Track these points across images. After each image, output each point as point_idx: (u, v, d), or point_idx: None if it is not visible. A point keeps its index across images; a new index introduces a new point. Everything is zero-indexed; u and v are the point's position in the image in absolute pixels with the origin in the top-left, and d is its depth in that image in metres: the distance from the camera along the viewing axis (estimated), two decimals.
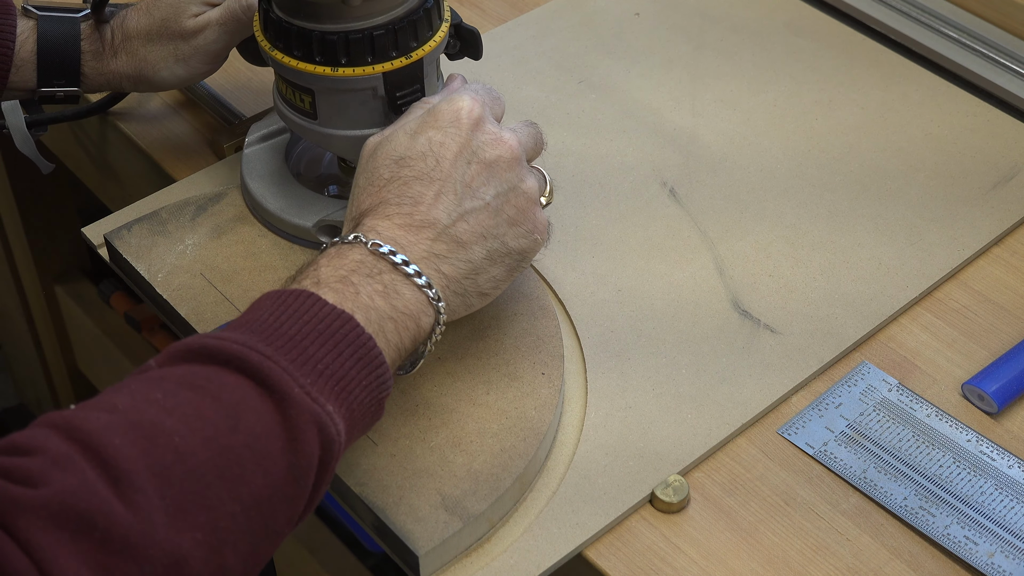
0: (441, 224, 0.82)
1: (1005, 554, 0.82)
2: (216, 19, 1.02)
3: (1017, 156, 1.09)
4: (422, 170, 0.83)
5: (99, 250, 1.02)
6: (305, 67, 0.90)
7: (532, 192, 0.85)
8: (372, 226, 0.81)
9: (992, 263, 1.01)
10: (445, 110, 0.85)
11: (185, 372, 0.71)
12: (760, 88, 1.15)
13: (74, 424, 0.66)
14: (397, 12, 0.89)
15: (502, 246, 0.84)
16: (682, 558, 0.83)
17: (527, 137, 0.88)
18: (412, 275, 0.79)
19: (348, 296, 0.77)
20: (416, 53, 0.90)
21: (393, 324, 0.78)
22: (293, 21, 0.89)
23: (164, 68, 1.02)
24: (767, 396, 0.91)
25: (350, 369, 0.74)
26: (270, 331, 0.73)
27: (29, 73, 1.02)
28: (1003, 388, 0.90)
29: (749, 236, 1.02)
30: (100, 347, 1.63)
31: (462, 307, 0.84)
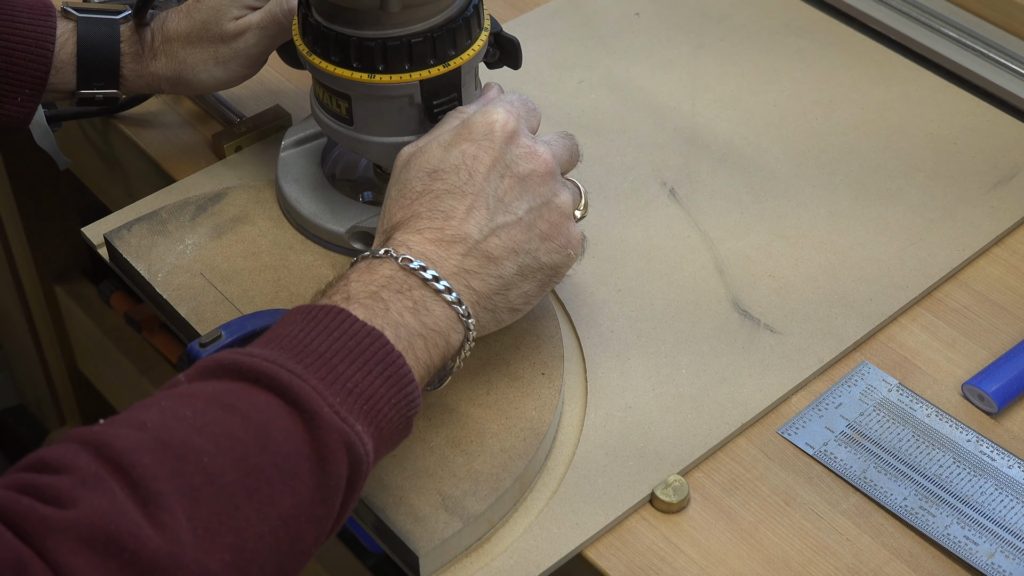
0: (472, 239, 0.81)
1: (1005, 554, 0.82)
2: (257, 23, 1.01)
3: (1017, 156, 1.09)
4: (455, 184, 0.82)
5: (99, 250, 1.02)
6: (342, 73, 0.89)
7: (566, 206, 0.84)
8: (403, 240, 0.81)
9: (992, 263, 1.01)
10: (479, 122, 0.84)
11: (215, 389, 0.70)
12: (760, 88, 1.15)
13: (104, 441, 0.65)
14: (436, 20, 0.89)
15: (534, 261, 0.83)
16: (682, 558, 0.83)
17: (562, 149, 0.87)
18: (442, 291, 0.79)
19: (378, 312, 0.76)
20: (454, 62, 0.90)
21: (423, 341, 0.77)
22: (331, 26, 0.89)
23: (203, 71, 1.02)
24: (767, 396, 0.91)
25: (379, 388, 0.73)
26: (300, 348, 0.73)
27: (69, 75, 1.01)
28: (1003, 388, 0.90)
29: (749, 236, 1.02)
30: (100, 347, 1.63)
31: (492, 323, 0.83)
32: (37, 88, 1.00)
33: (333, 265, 0.98)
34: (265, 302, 0.96)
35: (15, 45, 0.99)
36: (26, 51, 0.99)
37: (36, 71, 0.99)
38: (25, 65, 0.99)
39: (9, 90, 1.00)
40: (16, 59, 0.99)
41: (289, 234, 1.00)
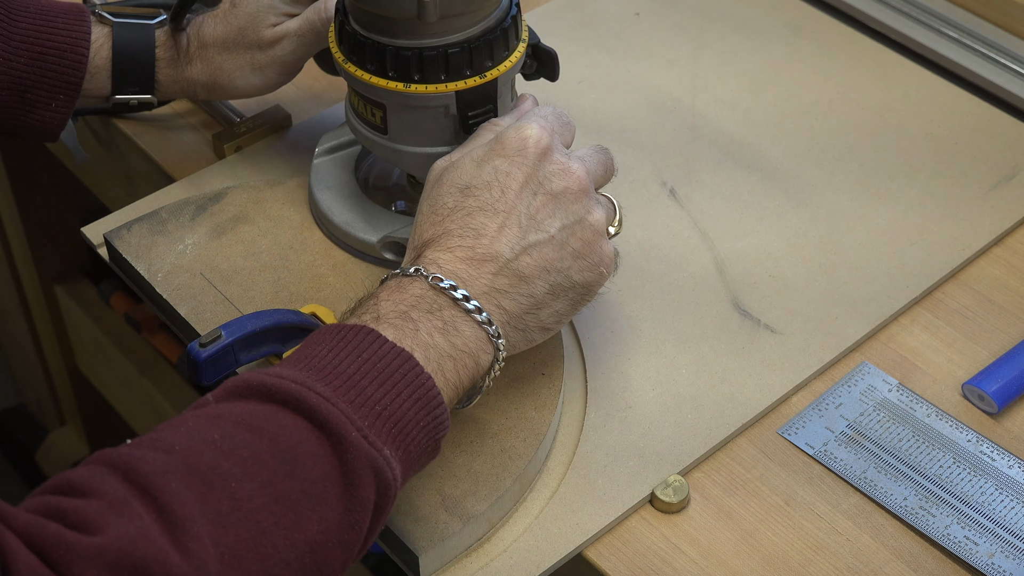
0: (504, 258, 0.80)
1: (1005, 554, 0.82)
2: (294, 30, 1.00)
3: (1017, 156, 1.09)
4: (487, 200, 0.81)
5: (99, 250, 1.02)
6: (378, 82, 0.88)
7: (599, 224, 0.83)
8: (434, 259, 0.80)
9: (992, 263, 1.01)
10: (512, 138, 0.83)
11: (243, 411, 0.70)
12: (760, 88, 1.15)
13: (131, 465, 0.65)
14: (474, 30, 0.88)
15: (566, 280, 0.82)
16: (682, 558, 0.83)
17: (596, 165, 0.86)
18: (472, 311, 0.78)
19: (408, 333, 0.76)
20: (491, 73, 0.89)
21: (452, 362, 0.77)
22: (368, 35, 0.88)
23: (239, 77, 1.02)
24: (767, 396, 0.91)
25: (408, 410, 0.73)
26: (329, 369, 0.72)
27: (103, 80, 1.01)
28: (1003, 388, 0.90)
29: (749, 236, 1.02)
30: (100, 347, 1.63)
31: (523, 342, 0.82)
32: (71, 94, 0.99)
33: (333, 265, 0.98)
34: (265, 302, 0.96)
35: (49, 51, 0.98)
36: (60, 57, 0.98)
37: (70, 77, 0.99)
38: (59, 71, 0.98)
39: (43, 96, 0.99)
40: (50, 65, 0.98)
41: (289, 234, 1.00)
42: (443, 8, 0.84)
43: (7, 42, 0.97)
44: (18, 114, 0.99)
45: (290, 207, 1.03)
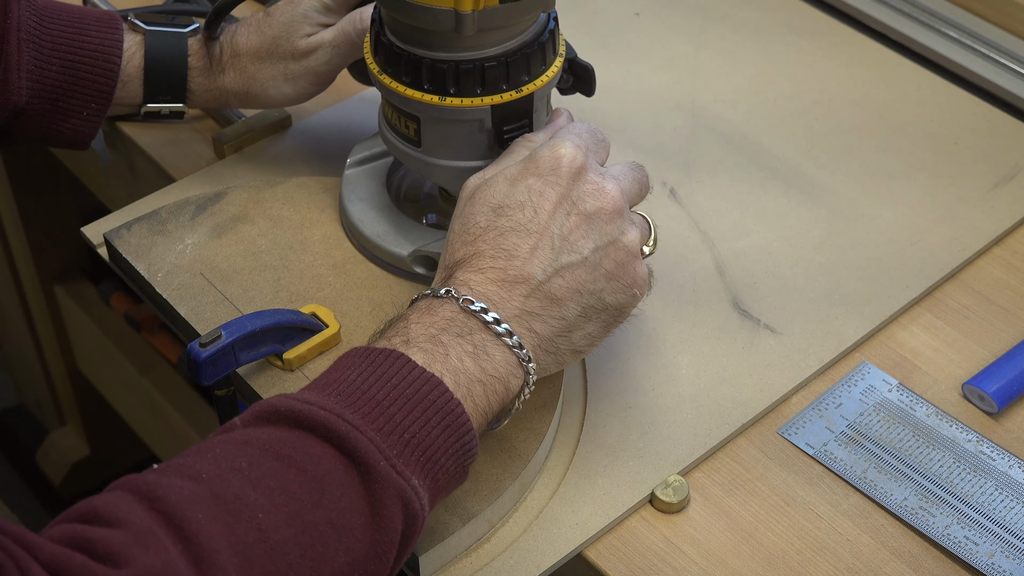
0: (536, 280, 0.79)
1: (1005, 554, 0.82)
2: (329, 40, 0.99)
3: (1017, 156, 1.09)
4: (519, 221, 0.80)
5: (99, 250, 1.02)
6: (412, 94, 0.87)
7: (633, 245, 0.82)
8: (465, 280, 0.79)
9: (992, 263, 1.01)
10: (546, 156, 0.81)
11: (271, 437, 0.69)
12: (760, 88, 1.15)
13: (157, 494, 0.64)
14: (511, 44, 0.86)
15: (598, 302, 0.81)
16: (682, 558, 0.83)
17: (631, 183, 0.85)
18: (503, 334, 0.77)
19: (437, 357, 0.75)
20: (527, 87, 0.88)
21: (482, 387, 0.76)
22: (404, 46, 0.87)
23: (272, 87, 1.01)
24: (767, 396, 0.91)
25: (437, 437, 0.72)
26: (358, 395, 0.72)
27: (135, 89, 1.00)
28: (1003, 388, 0.90)
29: (749, 236, 1.02)
30: (100, 347, 1.63)
31: (554, 364, 0.81)
32: (103, 102, 0.99)
33: (333, 265, 0.98)
34: (265, 302, 0.96)
35: (81, 59, 0.97)
36: (92, 65, 0.97)
37: (102, 85, 0.98)
38: (91, 79, 0.98)
39: (75, 104, 0.98)
40: (82, 73, 0.97)
41: (289, 234, 1.00)
42: (481, 22, 0.83)
43: (39, 50, 0.96)
44: (50, 122, 0.98)
45: (290, 207, 1.02)
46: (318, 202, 1.03)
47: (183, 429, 1.54)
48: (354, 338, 0.93)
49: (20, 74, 0.95)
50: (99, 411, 1.79)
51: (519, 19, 0.86)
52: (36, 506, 1.93)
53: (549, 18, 0.89)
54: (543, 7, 0.86)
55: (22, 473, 1.97)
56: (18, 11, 0.95)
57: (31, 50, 0.96)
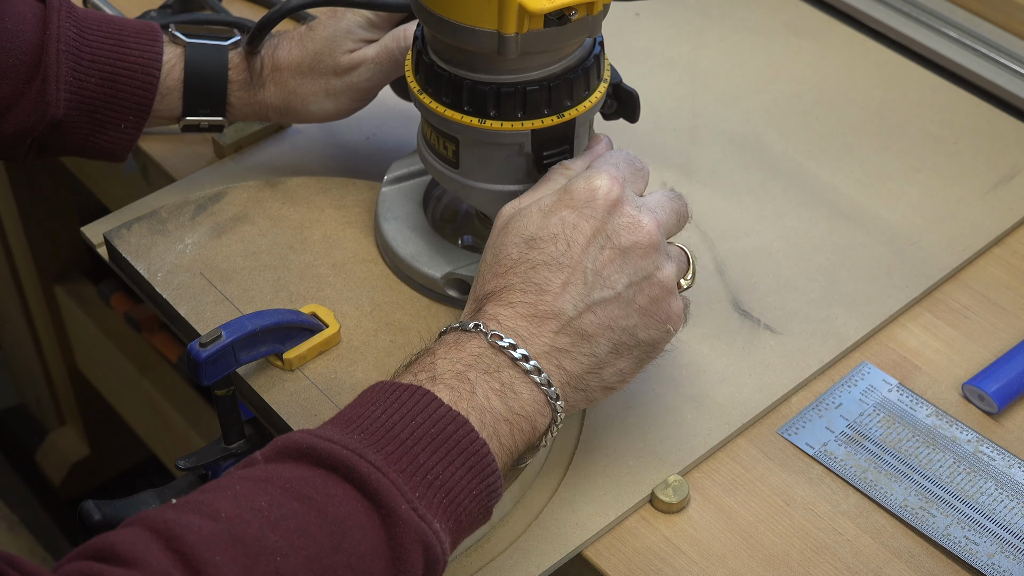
0: (566, 316, 0.77)
1: (1005, 554, 0.82)
2: (372, 57, 0.98)
3: (1017, 156, 1.09)
4: (551, 254, 0.78)
5: (99, 249, 1.02)
6: (452, 115, 0.86)
7: (668, 280, 0.80)
8: (494, 314, 0.77)
9: (992, 263, 1.01)
10: (581, 188, 0.79)
11: (292, 476, 0.68)
12: (760, 88, 1.15)
13: (175, 533, 0.63)
14: (554, 68, 0.85)
15: (630, 338, 0.79)
16: (682, 558, 0.83)
17: (668, 214, 0.82)
18: (531, 371, 0.75)
19: (464, 395, 0.73)
20: (569, 112, 0.86)
21: (508, 426, 0.74)
22: (445, 67, 0.85)
23: (313, 102, 0.99)
24: (767, 396, 0.91)
25: (461, 478, 0.71)
26: (382, 433, 0.71)
27: (175, 102, 0.98)
28: (1003, 388, 0.90)
29: (749, 236, 1.02)
30: (100, 347, 1.63)
31: (583, 401, 0.80)
32: (141, 115, 0.97)
33: (333, 265, 0.98)
34: (265, 302, 0.96)
35: (120, 71, 0.96)
36: (131, 77, 0.96)
37: (141, 98, 0.97)
38: (130, 92, 0.96)
39: (112, 117, 0.97)
40: (121, 85, 0.96)
41: (289, 234, 1.00)
42: (524, 45, 0.81)
43: (78, 62, 0.95)
44: (87, 134, 0.97)
45: (290, 207, 1.03)
46: (318, 202, 1.03)
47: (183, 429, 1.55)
48: (354, 338, 0.93)
49: (59, 86, 0.94)
50: (99, 411, 1.79)
51: (563, 43, 0.84)
52: (36, 506, 1.93)
53: (595, 43, 0.87)
54: (588, 32, 0.84)
55: (22, 473, 1.97)
56: (58, 22, 0.94)
57: (70, 62, 0.94)
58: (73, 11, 0.96)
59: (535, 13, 0.79)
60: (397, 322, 0.95)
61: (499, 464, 0.73)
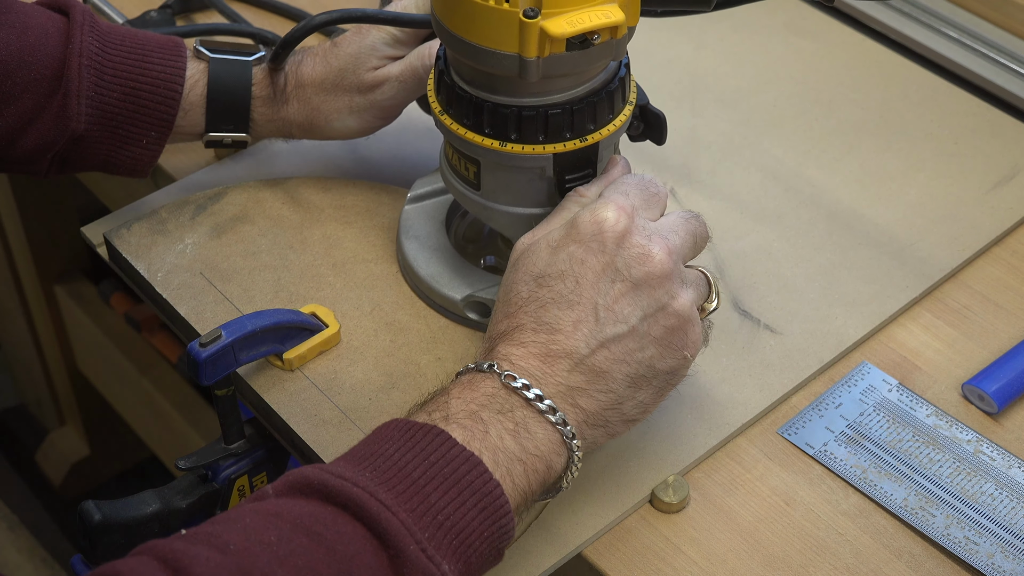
0: (579, 354, 0.76)
1: (1005, 554, 0.82)
2: (396, 75, 0.97)
3: (1017, 156, 1.09)
4: (560, 292, 0.77)
5: (99, 249, 1.02)
6: (473, 137, 0.84)
7: (683, 308, 0.78)
8: (506, 354, 0.77)
9: (992, 263, 1.01)
10: (587, 222, 0.78)
11: (302, 512, 0.67)
12: (760, 88, 1.15)
13: (183, 564, 0.63)
14: (577, 92, 0.83)
15: (648, 370, 0.78)
16: (682, 558, 0.83)
17: (683, 238, 0.81)
18: (545, 411, 0.75)
19: (477, 435, 0.73)
20: (592, 136, 0.84)
21: (522, 467, 0.73)
22: (467, 88, 0.84)
23: (336, 119, 0.98)
24: (767, 396, 0.91)
25: (472, 519, 0.70)
26: (394, 471, 0.70)
27: (197, 117, 0.98)
28: (1003, 388, 0.90)
29: (749, 236, 1.02)
30: (100, 347, 1.63)
31: (604, 436, 0.79)
32: (164, 130, 0.97)
33: (333, 265, 0.98)
34: (265, 302, 0.96)
35: (143, 86, 0.95)
36: (153, 92, 0.95)
37: (163, 113, 0.96)
38: (152, 107, 0.95)
39: (135, 132, 0.96)
40: (143, 100, 0.95)
41: (289, 234, 1.00)
42: (546, 69, 0.80)
43: (100, 76, 0.94)
44: (110, 149, 0.96)
45: (290, 207, 1.03)
46: (318, 202, 1.03)
47: (183, 429, 1.55)
48: (354, 338, 0.93)
49: (80, 100, 0.93)
50: (99, 411, 1.79)
51: (586, 67, 0.82)
52: (36, 506, 1.93)
53: (620, 65, 0.86)
54: (612, 56, 0.82)
55: (22, 473, 1.97)
56: (80, 36, 0.94)
57: (92, 76, 0.94)
58: (96, 25, 0.95)
59: (557, 37, 0.78)
60: (397, 322, 0.95)
61: (512, 505, 0.72)
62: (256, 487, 0.95)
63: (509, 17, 0.78)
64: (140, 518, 0.89)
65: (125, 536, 0.89)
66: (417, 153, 1.08)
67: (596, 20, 0.78)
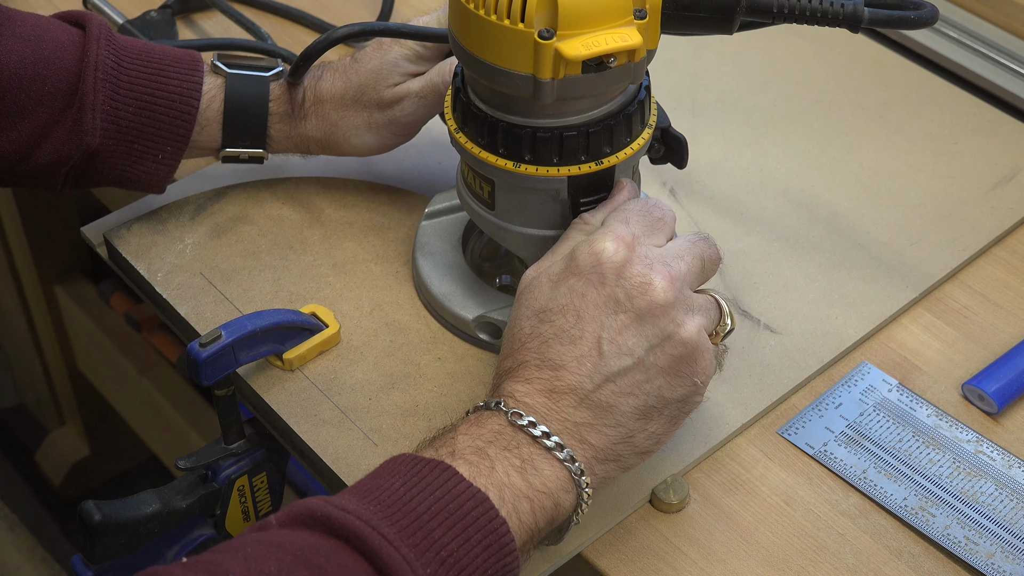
0: (584, 390, 0.75)
1: (1005, 555, 0.82)
2: (416, 91, 0.96)
3: (1017, 156, 1.09)
4: (562, 327, 0.76)
5: (99, 249, 1.02)
6: (487, 157, 0.83)
7: (690, 337, 0.76)
8: (511, 391, 0.76)
9: (992, 263, 1.01)
10: (585, 254, 0.77)
11: (304, 544, 0.67)
12: (760, 88, 1.15)
13: None
14: (594, 114, 0.82)
15: (657, 400, 0.77)
16: (682, 558, 0.83)
17: (691, 263, 0.79)
18: (552, 448, 0.74)
19: (483, 471, 0.72)
20: (608, 160, 0.83)
21: (528, 504, 0.72)
22: (482, 106, 0.83)
23: (355, 135, 0.97)
24: (767, 396, 0.91)
25: (476, 557, 0.69)
26: (398, 506, 0.69)
27: (214, 133, 0.97)
28: (1003, 388, 0.90)
29: (749, 236, 1.02)
30: (100, 347, 1.63)
31: (617, 471, 0.78)
32: (179, 145, 0.96)
33: (333, 265, 0.98)
34: (265, 302, 0.96)
35: (159, 100, 0.94)
36: (169, 107, 0.94)
37: (179, 128, 0.95)
38: (168, 122, 0.95)
39: (150, 147, 0.95)
40: (159, 115, 0.94)
41: (289, 234, 1.00)
42: (561, 90, 0.79)
43: (116, 90, 0.93)
44: (125, 164, 0.95)
45: (290, 207, 1.03)
46: (318, 202, 1.03)
47: (183, 429, 1.55)
48: (354, 338, 0.93)
49: (95, 114, 0.92)
50: (99, 411, 1.79)
51: (602, 90, 0.81)
52: (36, 506, 1.93)
53: (640, 87, 0.84)
54: (630, 79, 0.80)
55: (22, 473, 1.97)
56: (96, 50, 0.93)
57: (107, 90, 0.93)
58: (113, 39, 0.94)
59: (572, 60, 0.76)
60: (397, 322, 0.95)
61: (518, 542, 0.72)
62: (256, 487, 0.95)
63: (524, 37, 0.77)
64: (140, 518, 0.89)
65: (125, 536, 0.89)
66: (417, 153, 1.08)
67: (612, 43, 0.77)
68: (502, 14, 0.77)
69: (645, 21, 0.79)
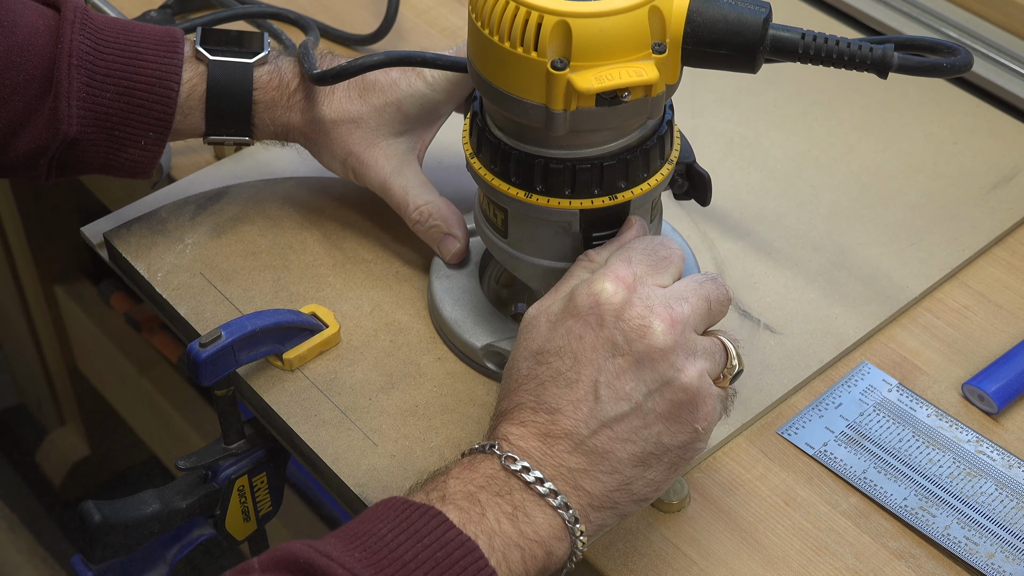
0: (579, 435, 0.73)
1: (1005, 555, 0.82)
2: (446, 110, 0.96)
3: (1017, 156, 1.09)
4: (559, 369, 0.74)
5: (99, 249, 1.02)
6: (499, 185, 0.82)
7: (691, 382, 0.74)
8: (506, 434, 0.74)
9: (992, 263, 1.01)
10: (584, 295, 0.75)
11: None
12: (760, 88, 1.15)
13: None
14: (611, 147, 0.80)
15: (656, 447, 0.74)
16: (682, 558, 0.83)
17: (695, 305, 0.76)
18: (546, 495, 0.72)
19: (473, 517, 0.70)
20: (622, 195, 0.81)
21: (519, 552, 0.70)
22: (497, 134, 0.82)
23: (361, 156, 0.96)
24: (767, 396, 0.91)
25: None
26: (384, 552, 0.67)
27: (197, 120, 0.95)
28: (1003, 388, 0.90)
29: (749, 236, 1.02)
30: (100, 347, 1.63)
31: (613, 518, 0.75)
32: (162, 131, 0.93)
33: (333, 265, 0.98)
34: (265, 302, 0.96)
35: (137, 85, 0.92)
36: (149, 92, 0.92)
37: (160, 113, 0.93)
38: (148, 107, 0.92)
39: (132, 133, 0.93)
40: (138, 100, 0.92)
41: (289, 234, 1.00)
42: (574, 123, 0.77)
43: (92, 76, 0.91)
44: (107, 151, 0.93)
45: (290, 207, 1.03)
46: (318, 202, 1.03)
47: (183, 429, 1.55)
48: (354, 338, 0.93)
49: (71, 102, 0.90)
50: (99, 411, 1.79)
51: (617, 124, 0.79)
52: (36, 506, 1.93)
53: (661, 122, 0.82)
54: (647, 114, 0.78)
55: (22, 473, 1.97)
56: (71, 35, 0.90)
57: (83, 76, 0.91)
58: (89, 22, 0.92)
59: (584, 92, 0.75)
60: (397, 322, 0.95)
61: None
62: (256, 487, 0.95)
63: (537, 67, 0.75)
64: (140, 518, 0.89)
65: (125, 536, 0.89)
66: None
67: (627, 77, 0.75)
68: (516, 42, 0.75)
69: (664, 56, 0.77)
